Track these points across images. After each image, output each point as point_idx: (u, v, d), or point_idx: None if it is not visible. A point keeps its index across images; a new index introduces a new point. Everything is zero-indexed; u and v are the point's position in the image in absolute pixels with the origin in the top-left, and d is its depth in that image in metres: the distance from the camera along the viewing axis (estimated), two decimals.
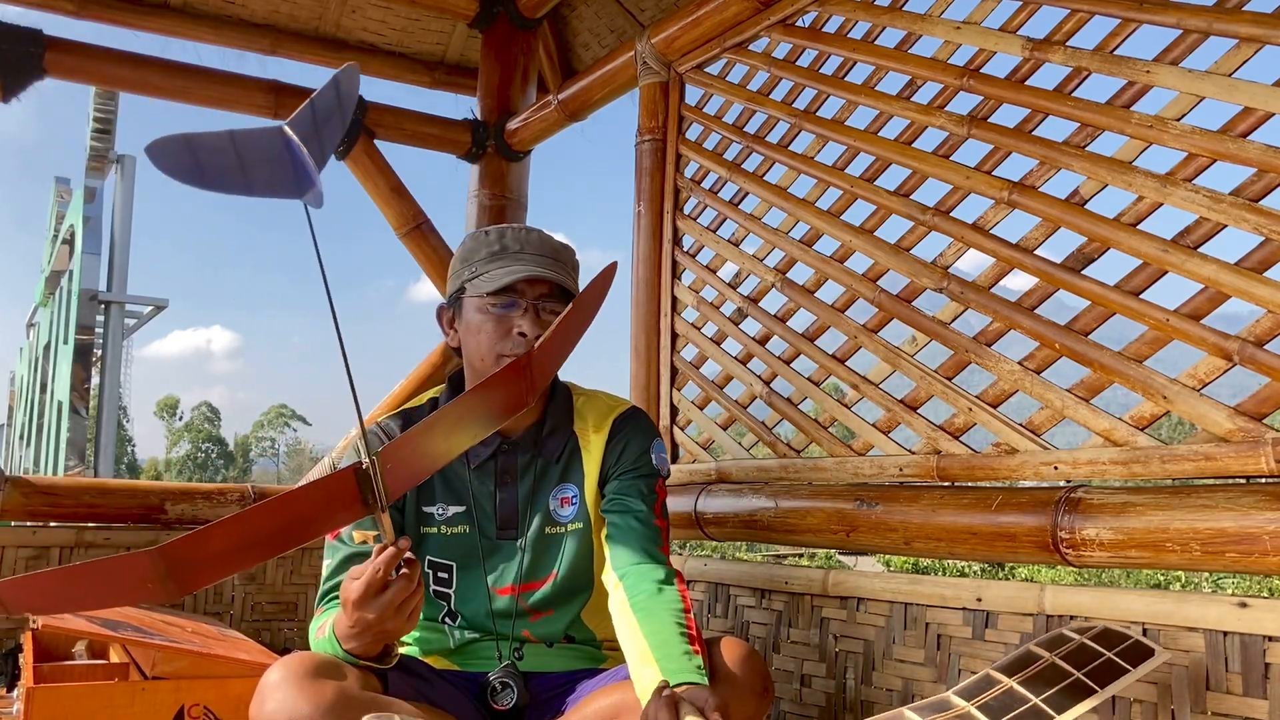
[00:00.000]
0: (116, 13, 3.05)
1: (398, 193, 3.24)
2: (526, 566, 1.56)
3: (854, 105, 2.07)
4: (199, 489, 2.78)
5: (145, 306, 19.89)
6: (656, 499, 1.56)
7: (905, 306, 1.91)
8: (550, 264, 1.52)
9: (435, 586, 1.57)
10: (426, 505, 1.57)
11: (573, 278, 1.56)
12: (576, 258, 1.61)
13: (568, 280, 1.53)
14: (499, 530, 1.56)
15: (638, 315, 2.60)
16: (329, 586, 1.49)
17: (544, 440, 1.58)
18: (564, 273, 1.53)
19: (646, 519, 1.51)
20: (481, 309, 1.52)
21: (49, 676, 1.79)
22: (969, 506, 1.65)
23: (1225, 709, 1.30)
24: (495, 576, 1.56)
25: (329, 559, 1.52)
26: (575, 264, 1.60)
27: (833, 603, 1.89)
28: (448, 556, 1.57)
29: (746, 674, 1.31)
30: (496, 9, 3.35)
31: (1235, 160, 1.42)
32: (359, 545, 1.49)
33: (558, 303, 1.52)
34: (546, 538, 1.57)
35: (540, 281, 1.51)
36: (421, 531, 1.57)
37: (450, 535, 1.56)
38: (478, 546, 1.56)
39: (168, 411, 65.72)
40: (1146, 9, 1.52)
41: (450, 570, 1.57)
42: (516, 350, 1.49)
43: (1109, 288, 1.55)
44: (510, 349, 1.50)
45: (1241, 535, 1.29)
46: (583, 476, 1.58)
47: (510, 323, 1.50)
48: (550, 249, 1.54)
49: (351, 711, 1.22)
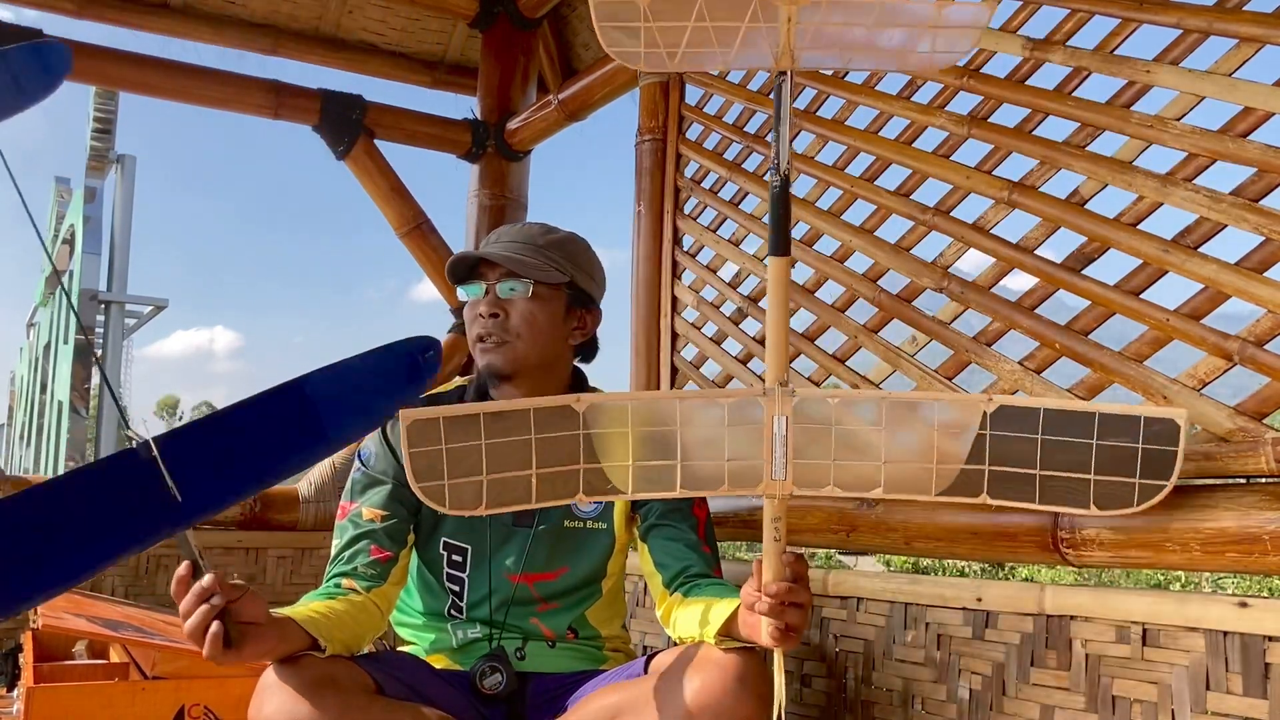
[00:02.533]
0: (116, 13, 3.04)
1: (398, 193, 3.23)
2: (542, 556, 1.57)
3: (854, 105, 2.07)
4: None
5: (145, 306, 19.90)
6: (698, 521, 1.58)
7: (905, 306, 1.91)
8: (509, 247, 1.54)
9: (448, 569, 1.58)
10: None
11: (547, 258, 1.55)
12: (573, 244, 1.61)
13: (527, 259, 1.53)
14: (515, 516, 1.57)
15: (638, 315, 2.60)
16: (331, 563, 1.51)
17: None
18: (526, 253, 1.53)
19: (695, 545, 1.55)
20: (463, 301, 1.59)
21: (49, 676, 1.79)
22: (969, 506, 1.64)
23: (1225, 709, 1.30)
24: (509, 562, 1.57)
25: (337, 539, 1.53)
26: (564, 247, 1.59)
27: (833, 603, 1.89)
28: (463, 539, 1.57)
29: (745, 673, 1.31)
30: (496, 9, 3.35)
31: (1235, 160, 1.42)
32: (368, 523, 1.50)
33: (516, 280, 1.53)
34: (565, 530, 1.58)
35: (493, 266, 1.54)
36: (437, 514, 1.57)
37: (467, 518, 1.56)
38: (493, 531, 1.57)
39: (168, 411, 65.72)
40: (1146, 9, 1.52)
41: (465, 554, 1.58)
42: (478, 332, 1.54)
43: (1109, 288, 1.55)
44: (474, 332, 1.55)
45: (1241, 535, 1.29)
46: None
47: (476, 308, 1.55)
48: (523, 235, 1.57)
49: (348, 711, 1.22)
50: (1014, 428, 0.88)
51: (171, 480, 0.94)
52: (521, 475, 0.87)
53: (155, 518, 0.97)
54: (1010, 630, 1.58)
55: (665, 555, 1.53)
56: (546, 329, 1.55)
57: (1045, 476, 0.89)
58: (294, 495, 2.88)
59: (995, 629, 1.60)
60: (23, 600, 0.98)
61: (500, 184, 3.36)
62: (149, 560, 2.65)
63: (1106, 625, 1.44)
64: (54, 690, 1.67)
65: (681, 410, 0.87)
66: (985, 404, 0.89)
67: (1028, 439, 0.88)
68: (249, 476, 1.03)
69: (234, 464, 1.01)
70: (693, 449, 0.87)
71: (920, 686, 1.69)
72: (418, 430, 0.87)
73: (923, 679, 1.70)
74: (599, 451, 0.87)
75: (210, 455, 1.01)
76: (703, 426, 0.87)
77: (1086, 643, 1.46)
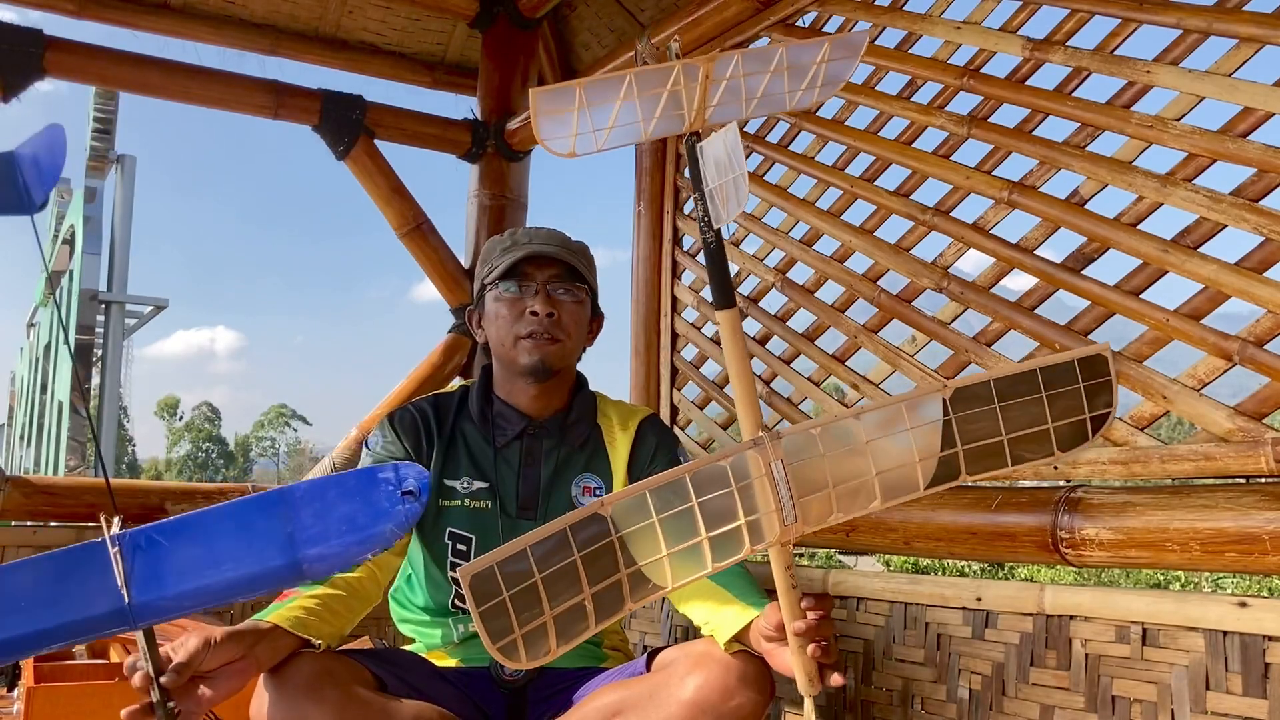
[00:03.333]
0: (116, 13, 3.04)
1: (398, 193, 3.23)
2: None
3: (854, 105, 2.07)
4: (199, 489, 2.78)
5: (145, 306, 19.89)
6: None
7: (905, 306, 1.91)
8: (558, 248, 1.57)
9: (453, 559, 1.58)
10: (450, 479, 1.59)
11: (585, 265, 1.61)
12: (589, 251, 1.66)
13: (578, 262, 1.58)
14: (520, 509, 1.58)
15: (638, 315, 2.60)
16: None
17: (569, 427, 1.62)
18: (573, 257, 1.58)
19: None
20: (498, 297, 1.58)
21: (49, 676, 1.79)
22: (969, 506, 1.65)
23: (1225, 709, 1.30)
24: None
25: None
26: (587, 255, 1.65)
27: (833, 602, 1.89)
28: (468, 529, 1.58)
29: (744, 668, 1.32)
30: (496, 9, 3.35)
31: (1235, 160, 1.42)
32: None
33: (569, 283, 1.57)
34: None
35: (549, 263, 1.57)
36: (441, 504, 1.58)
37: (473, 509, 1.58)
38: (498, 523, 1.57)
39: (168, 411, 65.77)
40: (1146, 9, 1.52)
41: (470, 544, 1.58)
42: (531, 329, 1.54)
43: (1109, 288, 1.55)
44: (524, 329, 1.55)
45: (1241, 535, 1.29)
46: (609, 470, 1.62)
47: (523, 304, 1.56)
48: (559, 239, 1.61)
49: (348, 710, 1.22)
50: (973, 405, 0.94)
51: (125, 582, 0.94)
52: (577, 602, 0.85)
53: (109, 615, 0.96)
54: (1010, 630, 1.58)
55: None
56: (583, 331, 1.62)
57: (1011, 440, 0.95)
58: None
59: (995, 629, 1.60)
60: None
61: (500, 184, 3.36)
62: None
63: (1106, 625, 1.44)
64: (54, 690, 1.67)
65: (693, 483, 0.87)
66: (943, 391, 0.91)
67: (987, 410, 0.92)
68: (216, 590, 0.99)
69: (201, 572, 0.98)
70: (711, 519, 0.88)
71: (920, 686, 1.69)
72: (480, 585, 0.80)
73: (923, 679, 1.70)
74: (634, 551, 0.87)
75: (177, 560, 0.97)
76: (712, 493, 0.88)
77: (1086, 642, 1.46)
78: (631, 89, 0.94)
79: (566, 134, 0.97)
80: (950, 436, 0.93)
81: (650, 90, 0.95)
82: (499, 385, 1.63)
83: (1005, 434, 0.94)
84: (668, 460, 1.61)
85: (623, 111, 0.96)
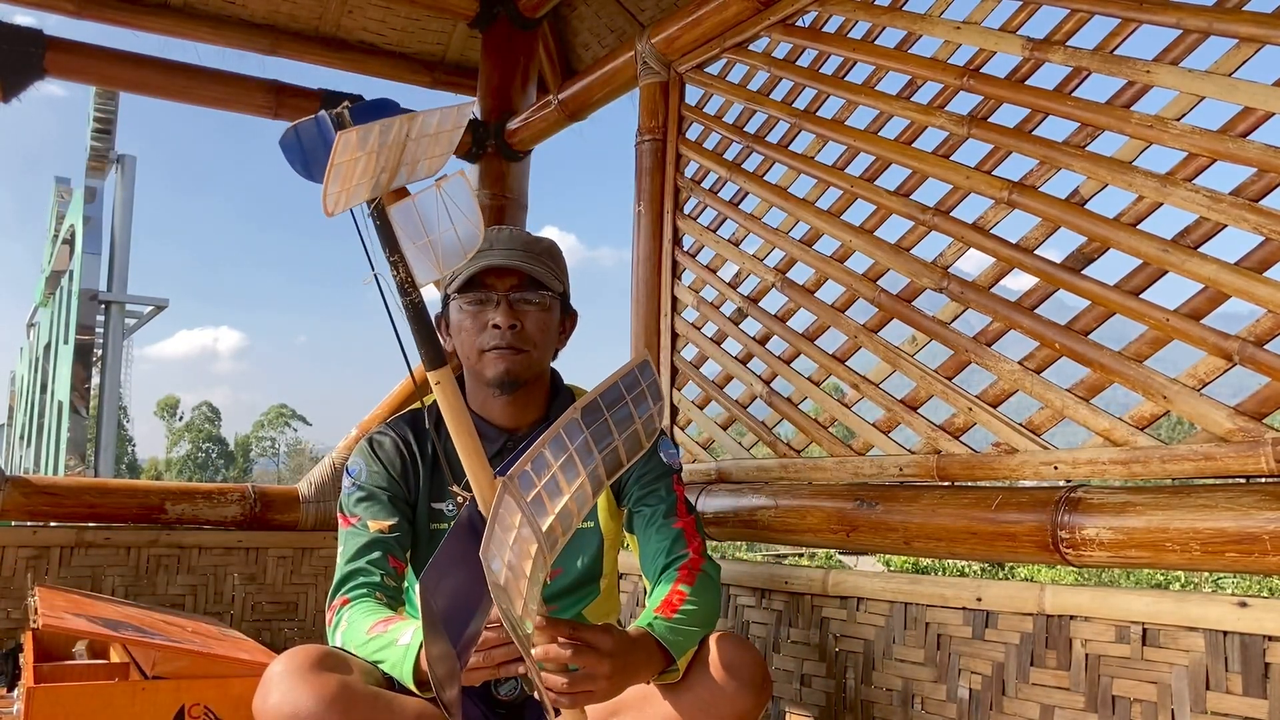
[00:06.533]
0: (116, 13, 3.05)
1: (398, 193, 3.23)
2: None
3: (854, 105, 2.07)
4: (199, 489, 2.78)
5: (145, 306, 19.89)
6: (676, 498, 1.59)
7: (905, 306, 1.91)
8: (518, 255, 1.53)
9: None
10: (437, 502, 1.59)
11: (547, 267, 1.56)
12: (556, 251, 1.62)
13: (536, 268, 1.54)
14: None
15: (638, 315, 2.60)
16: (349, 570, 1.50)
17: None
18: (533, 262, 1.54)
19: (667, 523, 1.56)
20: (459, 309, 1.55)
21: (49, 676, 1.79)
22: (969, 506, 1.65)
23: (1225, 709, 1.30)
24: None
25: (344, 544, 1.53)
26: (554, 255, 1.61)
27: (833, 602, 1.89)
28: None
29: (741, 666, 1.32)
30: (496, 9, 3.35)
31: (1235, 160, 1.42)
32: (378, 534, 1.51)
33: (530, 292, 1.54)
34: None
35: (509, 273, 1.53)
36: (432, 529, 1.57)
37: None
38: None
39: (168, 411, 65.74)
40: (1146, 9, 1.52)
41: None
42: (494, 342, 1.52)
43: (1109, 288, 1.55)
44: (488, 342, 1.53)
45: (1241, 535, 1.29)
46: None
47: (485, 317, 1.53)
48: (520, 242, 1.56)
49: (354, 705, 1.23)
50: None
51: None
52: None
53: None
54: (1010, 630, 1.58)
55: (642, 539, 1.58)
56: (551, 337, 1.59)
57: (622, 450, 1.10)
58: (294, 495, 2.88)
59: (995, 629, 1.60)
60: None
61: (500, 184, 3.36)
62: (149, 560, 2.65)
63: (1106, 625, 1.44)
64: (54, 690, 1.67)
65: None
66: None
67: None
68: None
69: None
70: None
71: (920, 686, 1.69)
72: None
73: (923, 679, 1.70)
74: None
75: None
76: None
77: (1086, 642, 1.46)
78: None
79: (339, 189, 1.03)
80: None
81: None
82: (471, 397, 1.60)
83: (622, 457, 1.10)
84: (653, 449, 1.59)
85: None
